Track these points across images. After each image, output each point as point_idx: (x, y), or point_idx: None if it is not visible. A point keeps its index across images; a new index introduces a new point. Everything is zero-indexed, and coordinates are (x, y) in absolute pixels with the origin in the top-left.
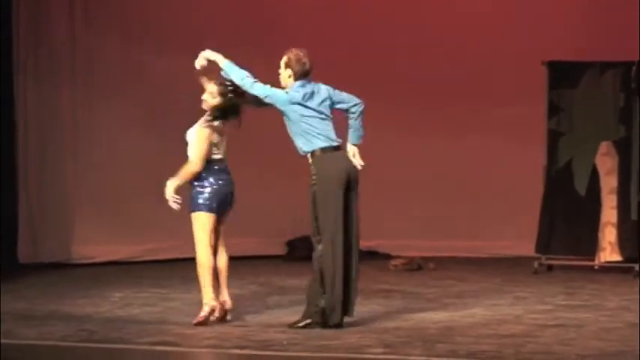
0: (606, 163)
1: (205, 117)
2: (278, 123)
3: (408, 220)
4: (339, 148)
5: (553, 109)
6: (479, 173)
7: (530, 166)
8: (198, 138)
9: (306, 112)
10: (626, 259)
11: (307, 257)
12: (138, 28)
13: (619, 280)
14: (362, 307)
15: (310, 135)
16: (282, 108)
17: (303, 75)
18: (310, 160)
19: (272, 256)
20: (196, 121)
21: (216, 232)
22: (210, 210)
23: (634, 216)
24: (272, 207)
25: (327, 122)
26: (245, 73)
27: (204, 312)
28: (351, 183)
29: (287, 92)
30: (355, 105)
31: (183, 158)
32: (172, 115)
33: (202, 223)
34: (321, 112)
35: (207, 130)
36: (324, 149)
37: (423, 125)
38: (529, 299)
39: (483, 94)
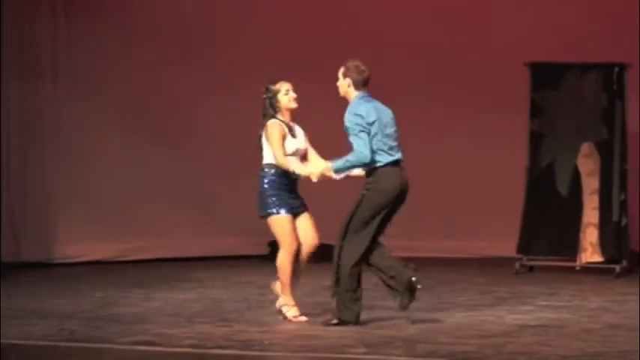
0: (588, 164)
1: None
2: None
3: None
4: (399, 164)
5: (535, 111)
6: (460, 174)
7: (512, 167)
8: None
9: (376, 124)
10: (608, 260)
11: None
12: (121, 28)
13: (600, 281)
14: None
15: (377, 148)
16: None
17: (362, 83)
18: (368, 172)
19: (254, 255)
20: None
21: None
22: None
23: (615, 217)
24: (254, 207)
25: (389, 135)
26: (351, 158)
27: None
28: (400, 200)
29: (359, 117)
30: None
31: (167, 156)
32: (155, 114)
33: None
34: (385, 125)
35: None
36: (385, 164)
37: (403, 126)
38: (510, 300)
39: (465, 95)
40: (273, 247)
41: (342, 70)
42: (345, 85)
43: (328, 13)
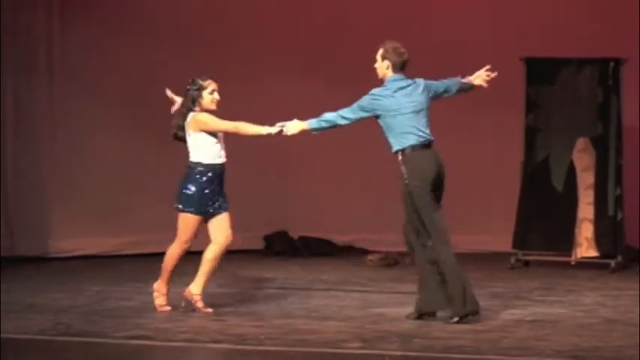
0: (583, 159)
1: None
2: (258, 118)
3: (385, 214)
4: (431, 145)
5: (530, 105)
6: (455, 169)
7: (507, 162)
8: None
9: (396, 107)
10: (603, 255)
11: (284, 252)
12: (116, 27)
13: (595, 275)
14: (339, 302)
15: (401, 132)
16: (372, 116)
17: (401, 65)
18: (400, 159)
19: (249, 250)
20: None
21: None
22: None
23: (611, 212)
24: (249, 201)
25: (421, 116)
26: (335, 115)
27: None
28: (440, 181)
29: (371, 96)
30: (452, 88)
31: (161, 152)
32: (149, 110)
33: None
34: (415, 106)
35: None
36: (414, 147)
37: None
38: (505, 295)
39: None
40: (269, 241)
41: (380, 52)
42: (383, 67)
43: (328, 12)
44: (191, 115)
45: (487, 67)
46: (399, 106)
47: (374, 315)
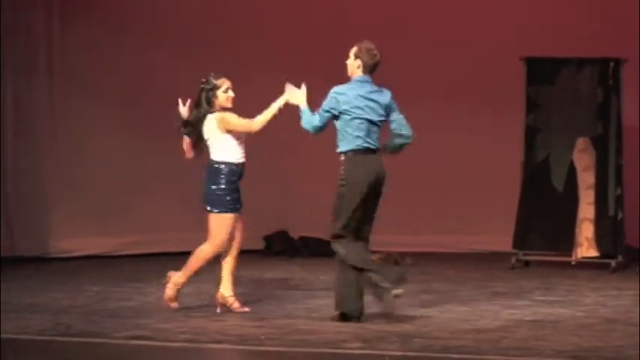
0: (583, 159)
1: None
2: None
3: (385, 215)
4: (375, 153)
5: (531, 105)
6: (456, 169)
7: (507, 162)
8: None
9: (353, 108)
10: (603, 255)
11: (284, 252)
12: (116, 26)
13: (596, 275)
14: None
15: (351, 135)
16: (339, 111)
17: (372, 67)
18: (342, 160)
19: (249, 250)
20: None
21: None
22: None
23: (611, 212)
24: (249, 201)
25: (374, 124)
26: (311, 122)
27: None
28: (376, 190)
29: (332, 94)
30: (401, 137)
31: (161, 152)
32: (150, 110)
33: None
34: (372, 114)
35: None
36: (357, 151)
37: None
38: (506, 295)
39: (462, 90)
40: (269, 241)
41: (354, 50)
42: (354, 66)
43: (328, 12)
44: (216, 115)
45: None
46: (357, 108)
47: (374, 315)
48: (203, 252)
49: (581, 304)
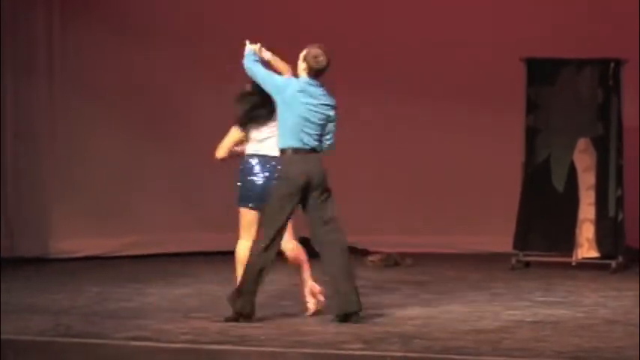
0: (584, 160)
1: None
2: None
3: (386, 216)
4: (312, 153)
5: (531, 106)
6: (457, 169)
7: (508, 163)
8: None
9: (293, 103)
10: (604, 256)
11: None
12: (116, 26)
13: (596, 276)
14: None
15: (289, 131)
16: (272, 92)
17: (316, 72)
18: (279, 156)
19: None
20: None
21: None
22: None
23: (612, 213)
24: None
25: (313, 126)
26: (257, 59)
27: None
28: (308, 190)
29: (283, 80)
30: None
31: (161, 152)
32: (150, 110)
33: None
34: (311, 115)
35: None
36: (296, 150)
37: (401, 122)
38: (506, 295)
39: (462, 90)
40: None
41: (302, 53)
42: (300, 68)
43: (328, 12)
44: None
45: None
46: (296, 105)
47: (374, 316)
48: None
49: (581, 304)
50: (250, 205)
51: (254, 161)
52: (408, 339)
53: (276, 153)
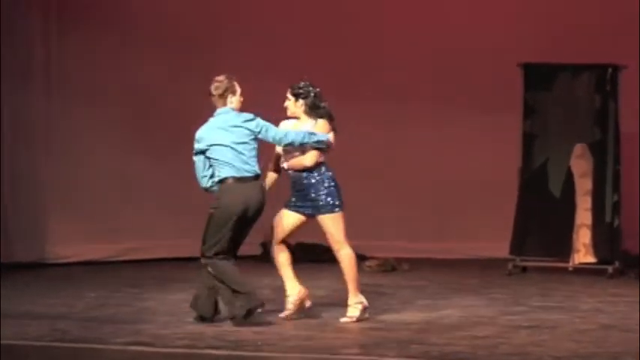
0: (581, 165)
1: None
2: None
3: (383, 221)
4: (248, 179)
5: (528, 111)
6: (454, 175)
7: (505, 168)
8: None
9: (212, 141)
10: (600, 261)
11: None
12: (113, 33)
13: (593, 281)
14: (336, 308)
15: (224, 162)
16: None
17: (218, 98)
18: (219, 187)
19: (247, 256)
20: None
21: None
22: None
23: (608, 218)
24: None
25: (237, 152)
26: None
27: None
28: (247, 215)
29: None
30: (281, 140)
31: (158, 158)
32: (147, 117)
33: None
34: (231, 141)
35: None
36: (228, 179)
37: (398, 127)
38: (503, 300)
39: (459, 96)
40: (266, 247)
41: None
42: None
43: (329, 20)
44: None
45: None
46: (216, 138)
47: (371, 321)
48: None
49: (578, 310)
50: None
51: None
52: (405, 344)
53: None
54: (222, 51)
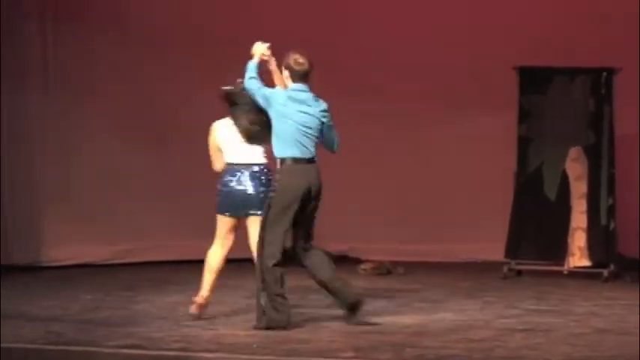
0: (576, 168)
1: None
2: None
3: (378, 224)
4: (311, 162)
5: (523, 115)
6: (449, 178)
7: (500, 171)
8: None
9: (286, 113)
10: (595, 265)
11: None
12: (109, 32)
13: (588, 285)
14: (331, 312)
15: (286, 140)
16: (264, 106)
17: (300, 76)
18: (278, 167)
19: (243, 259)
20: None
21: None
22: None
23: (603, 221)
24: None
25: (308, 132)
26: (254, 75)
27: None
28: (308, 199)
29: (272, 91)
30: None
31: (154, 160)
32: (144, 117)
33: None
34: (305, 121)
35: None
36: (295, 159)
37: (394, 130)
38: (498, 304)
39: (455, 99)
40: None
41: (284, 61)
42: (285, 77)
43: (325, 22)
44: None
45: None
46: (290, 113)
47: (366, 324)
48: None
49: (573, 313)
50: (227, 213)
51: (236, 170)
52: (400, 347)
53: (259, 161)
54: (221, 51)
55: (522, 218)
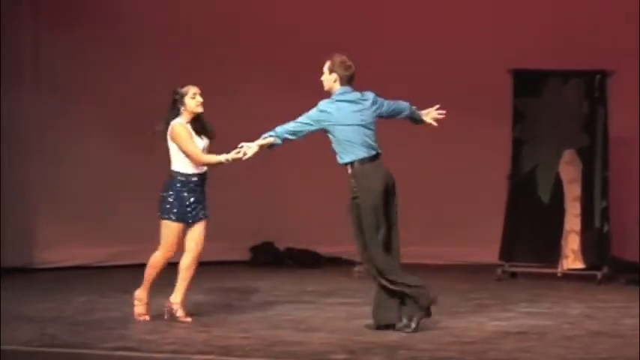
0: (570, 171)
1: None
2: (241, 127)
3: None
4: (379, 158)
5: (517, 117)
6: (443, 180)
7: (494, 174)
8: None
9: (343, 119)
10: (589, 267)
11: (270, 263)
12: (101, 34)
13: (582, 287)
14: (325, 313)
15: (349, 144)
16: (318, 128)
17: (348, 79)
18: (349, 172)
19: (235, 261)
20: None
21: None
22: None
23: (597, 224)
24: (236, 212)
25: (368, 129)
26: (284, 130)
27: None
28: (389, 195)
29: (318, 108)
30: (404, 111)
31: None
32: (136, 119)
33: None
34: (363, 119)
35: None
36: (363, 160)
37: (388, 132)
38: (492, 306)
39: (449, 101)
40: (255, 252)
41: (328, 64)
42: (331, 80)
43: (321, 25)
44: (171, 124)
45: (437, 106)
46: (347, 118)
47: (360, 326)
48: (153, 260)
49: (566, 315)
50: (173, 218)
51: (184, 177)
52: (393, 350)
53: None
54: (218, 50)
55: (516, 221)
